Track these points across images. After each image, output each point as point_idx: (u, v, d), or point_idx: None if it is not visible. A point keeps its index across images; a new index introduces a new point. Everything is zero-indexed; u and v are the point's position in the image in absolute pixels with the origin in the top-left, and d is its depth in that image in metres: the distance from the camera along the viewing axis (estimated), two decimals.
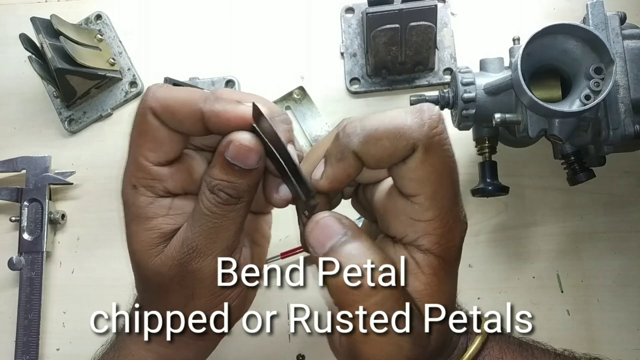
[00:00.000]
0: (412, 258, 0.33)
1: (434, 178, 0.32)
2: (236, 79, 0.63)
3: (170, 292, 0.38)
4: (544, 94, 0.51)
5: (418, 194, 0.32)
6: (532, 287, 0.59)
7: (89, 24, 0.65)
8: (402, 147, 0.31)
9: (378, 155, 0.31)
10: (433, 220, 0.32)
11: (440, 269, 0.33)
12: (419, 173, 0.32)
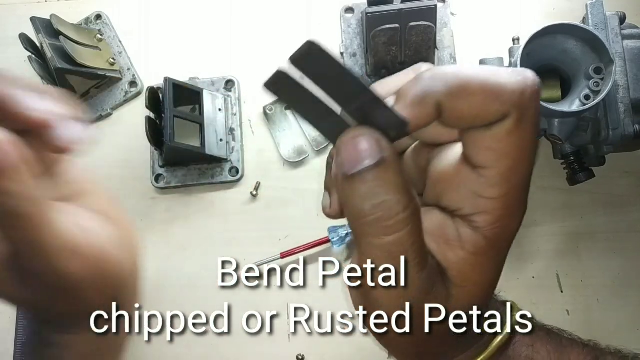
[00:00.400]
0: (456, 230, 0.29)
1: (515, 153, 0.27)
2: (236, 78, 0.63)
3: None
4: (543, 94, 0.51)
5: (491, 167, 0.27)
6: (532, 287, 0.59)
7: (89, 24, 0.65)
8: (495, 109, 0.26)
9: (465, 112, 0.26)
10: (497, 199, 0.28)
11: (484, 253, 0.29)
12: (502, 144, 0.27)
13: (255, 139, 0.63)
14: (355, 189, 0.27)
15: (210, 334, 0.60)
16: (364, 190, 0.26)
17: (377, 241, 0.27)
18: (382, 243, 0.27)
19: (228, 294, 0.61)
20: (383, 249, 0.27)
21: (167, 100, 0.54)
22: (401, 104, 0.27)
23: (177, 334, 0.60)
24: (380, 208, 0.26)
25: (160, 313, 0.61)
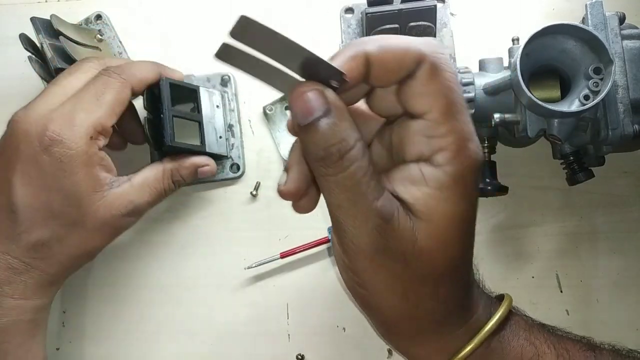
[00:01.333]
0: (420, 172, 0.33)
1: (445, 91, 0.32)
2: (231, 74, 0.63)
3: None
4: (543, 94, 0.51)
5: (430, 109, 0.32)
6: (532, 286, 0.59)
7: (89, 24, 0.65)
8: (412, 57, 0.32)
9: (389, 62, 0.32)
10: (447, 135, 0.32)
11: (448, 187, 0.32)
12: (430, 87, 0.32)
13: (255, 139, 0.63)
14: (310, 137, 0.32)
15: (210, 334, 0.60)
16: (317, 136, 0.32)
17: (334, 178, 0.32)
18: (339, 179, 0.32)
19: (228, 294, 0.61)
20: (342, 183, 0.32)
21: (165, 100, 0.53)
22: (338, 59, 0.32)
23: (177, 334, 0.60)
24: (334, 148, 0.32)
25: (161, 313, 0.61)
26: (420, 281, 0.34)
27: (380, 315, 0.37)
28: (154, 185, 0.51)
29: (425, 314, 0.36)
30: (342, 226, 0.33)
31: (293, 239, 0.60)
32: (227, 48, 0.31)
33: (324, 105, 0.32)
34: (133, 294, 0.61)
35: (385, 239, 0.32)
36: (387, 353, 0.59)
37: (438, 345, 0.37)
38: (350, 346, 0.59)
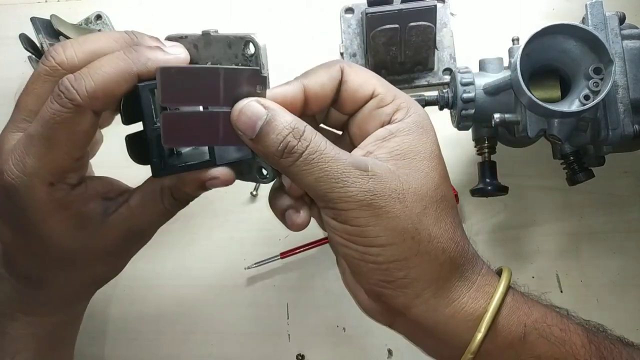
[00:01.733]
0: (386, 130, 0.38)
1: (369, 75, 0.40)
2: (257, 40, 0.46)
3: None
4: (543, 94, 0.51)
5: (374, 88, 0.39)
6: (532, 287, 0.59)
7: (89, 24, 0.65)
8: (335, 72, 0.40)
9: (318, 92, 0.39)
10: (397, 99, 0.39)
11: (414, 130, 0.38)
12: (360, 77, 0.40)
13: None
14: (267, 139, 0.36)
15: (210, 334, 0.60)
16: (272, 136, 0.35)
17: (301, 159, 0.35)
18: (306, 158, 0.35)
19: (228, 293, 0.61)
20: (310, 159, 0.35)
21: (147, 114, 0.38)
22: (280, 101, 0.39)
23: (177, 334, 0.60)
24: (289, 136, 0.35)
25: (161, 313, 0.61)
26: (420, 213, 0.36)
27: (396, 268, 0.37)
28: (152, 206, 0.41)
29: (437, 249, 0.37)
30: (328, 196, 0.36)
31: (293, 239, 0.60)
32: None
33: (263, 109, 0.36)
34: (133, 294, 0.61)
35: (373, 183, 0.36)
36: (387, 353, 0.59)
37: (463, 299, 0.38)
38: (350, 346, 0.59)
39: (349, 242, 0.37)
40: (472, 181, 0.58)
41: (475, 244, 0.61)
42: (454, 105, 0.54)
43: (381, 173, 0.36)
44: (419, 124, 0.38)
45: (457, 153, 0.62)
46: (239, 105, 0.36)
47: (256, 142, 0.36)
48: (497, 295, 0.38)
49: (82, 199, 0.39)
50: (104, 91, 0.36)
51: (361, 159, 0.37)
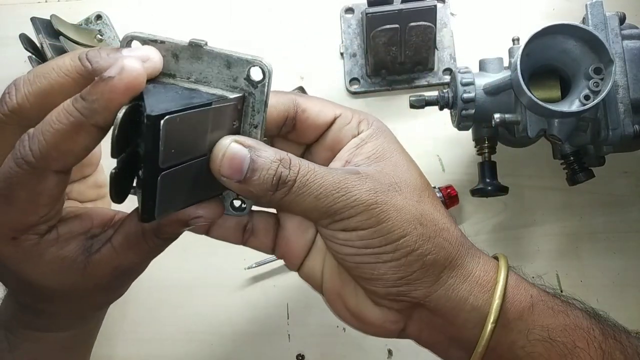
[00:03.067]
0: (358, 139, 0.39)
1: (322, 103, 0.40)
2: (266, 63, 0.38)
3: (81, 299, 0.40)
4: (543, 94, 0.51)
5: (333, 112, 0.40)
6: None
7: (89, 24, 0.65)
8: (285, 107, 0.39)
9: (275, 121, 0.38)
10: (356, 114, 0.40)
11: (379, 135, 0.39)
12: (317, 107, 0.39)
13: None
14: (256, 179, 0.35)
15: (210, 334, 0.60)
16: (262, 174, 0.35)
17: (295, 187, 0.35)
18: (300, 184, 0.35)
19: (228, 294, 0.61)
20: (305, 183, 0.35)
21: (149, 156, 0.31)
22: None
23: (177, 334, 0.60)
24: (280, 168, 0.35)
25: (161, 313, 0.61)
26: (419, 201, 0.38)
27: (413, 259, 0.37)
28: (136, 245, 0.38)
29: (443, 229, 0.38)
30: (333, 208, 0.36)
31: None
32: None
33: (244, 149, 0.35)
34: (133, 294, 0.61)
35: (371, 183, 0.36)
36: (387, 353, 0.59)
37: (476, 272, 0.38)
38: (350, 346, 0.59)
39: (362, 249, 0.36)
40: (472, 181, 0.58)
41: (476, 244, 0.61)
42: (454, 105, 0.54)
43: (372, 173, 0.37)
44: (381, 129, 0.40)
45: (457, 153, 0.62)
46: (219, 151, 0.34)
47: (245, 183, 0.35)
48: (503, 266, 0.39)
49: (57, 244, 0.36)
50: (58, 150, 0.32)
51: (348, 167, 0.38)
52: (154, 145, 0.30)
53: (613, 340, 0.39)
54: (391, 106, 0.64)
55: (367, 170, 0.37)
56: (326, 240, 0.38)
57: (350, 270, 0.38)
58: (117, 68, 0.31)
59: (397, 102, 0.64)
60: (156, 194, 0.31)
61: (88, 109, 0.31)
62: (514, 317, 0.38)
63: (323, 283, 0.41)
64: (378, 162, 0.38)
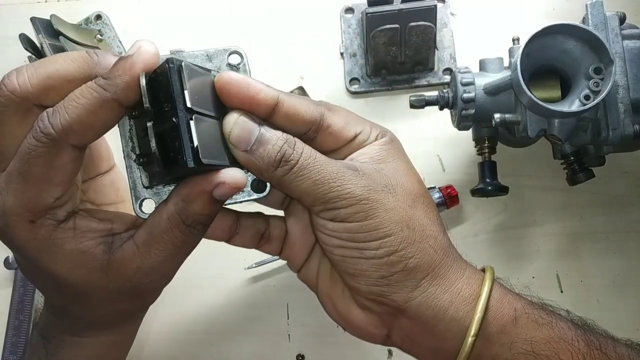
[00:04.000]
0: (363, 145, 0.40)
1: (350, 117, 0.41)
2: (242, 50, 0.43)
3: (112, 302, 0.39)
4: (543, 94, 0.51)
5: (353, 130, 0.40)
6: (532, 287, 0.59)
7: (89, 24, 0.65)
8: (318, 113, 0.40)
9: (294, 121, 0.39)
10: (372, 130, 0.40)
11: (385, 143, 0.40)
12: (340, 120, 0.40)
13: None
14: (262, 151, 0.36)
15: (210, 334, 0.60)
16: (268, 146, 0.36)
17: (297, 167, 0.36)
18: (302, 164, 0.36)
19: (228, 294, 0.61)
20: (306, 166, 0.36)
21: (177, 93, 0.33)
22: None
23: (177, 334, 0.60)
24: (285, 146, 0.36)
25: (161, 313, 0.61)
26: (411, 205, 0.39)
27: (395, 260, 0.38)
28: (161, 241, 0.36)
29: (430, 237, 0.39)
30: (327, 196, 0.37)
31: None
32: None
33: (255, 124, 0.37)
34: None
35: (366, 180, 0.38)
36: (387, 353, 0.59)
37: (459, 284, 0.39)
38: (350, 346, 0.59)
39: (348, 242, 0.38)
40: (472, 181, 0.58)
41: (476, 244, 0.61)
42: (454, 105, 0.54)
43: (370, 172, 0.38)
44: (392, 138, 0.41)
45: (457, 153, 0.62)
46: (230, 119, 0.37)
47: (250, 154, 0.36)
48: (488, 279, 0.40)
49: (74, 236, 0.36)
50: (80, 124, 0.33)
51: (349, 162, 0.39)
52: (180, 84, 0.34)
53: (598, 351, 0.39)
54: (391, 106, 0.64)
55: (366, 169, 0.38)
56: (316, 231, 0.39)
57: (337, 264, 0.39)
58: (135, 48, 0.34)
59: (397, 102, 0.64)
60: (194, 134, 0.33)
61: (112, 85, 0.33)
62: (497, 331, 0.38)
63: (317, 284, 0.43)
64: (378, 164, 0.39)
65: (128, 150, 0.37)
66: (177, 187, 0.36)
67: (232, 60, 0.40)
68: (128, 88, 0.33)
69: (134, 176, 0.37)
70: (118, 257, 0.36)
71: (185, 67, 0.34)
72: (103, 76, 0.34)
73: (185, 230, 0.36)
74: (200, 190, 0.35)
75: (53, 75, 0.34)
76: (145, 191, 0.37)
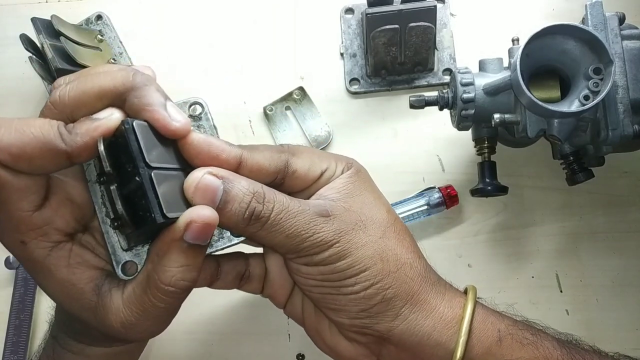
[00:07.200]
0: (328, 182, 0.40)
1: (313, 156, 0.41)
2: (203, 101, 0.41)
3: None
4: (543, 95, 0.51)
5: (318, 169, 0.40)
6: (531, 286, 0.59)
7: (90, 25, 0.65)
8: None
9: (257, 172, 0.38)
10: (338, 164, 0.41)
11: (350, 175, 0.40)
12: (304, 163, 0.40)
13: (256, 140, 0.63)
14: (228, 210, 0.35)
15: (210, 334, 0.60)
16: (235, 205, 0.35)
17: (269, 223, 0.36)
18: (275, 219, 0.36)
19: (228, 293, 0.61)
20: (278, 220, 0.36)
21: (135, 151, 0.33)
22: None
23: (177, 334, 0.60)
24: (253, 202, 0.35)
25: None
26: (383, 237, 0.39)
27: (373, 293, 0.38)
28: (142, 301, 0.35)
29: (405, 265, 0.39)
30: (300, 246, 0.37)
31: None
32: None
33: (217, 180, 0.35)
34: None
35: (337, 224, 0.38)
36: None
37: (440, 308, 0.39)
38: None
39: (324, 282, 0.38)
40: (472, 181, 0.58)
41: (475, 244, 0.61)
42: (454, 105, 0.54)
43: (340, 213, 0.38)
44: (357, 169, 0.41)
45: (457, 153, 0.62)
46: (192, 180, 0.34)
47: (219, 213, 0.34)
48: (470, 301, 0.40)
49: (67, 265, 0.35)
50: (19, 149, 0.32)
51: (320, 205, 0.38)
52: (137, 143, 0.33)
53: None
54: (391, 106, 0.64)
55: (336, 210, 0.38)
56: (291, 273, 0.40)
57: (317, 302, 0.40)
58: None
59: (397, 102, 0.64)
60: (157, 189, 0.33)
61: (70, 140, 0.33)
62: (482, 352, 0.39)
63: (304, 320, 0.43)
64: (347, 199, 0.39)
65: (102, 216, 0.37)
66: (151, 245, 0.36)
67: (193, 112, 0.40)
68: (85, 149, 0.33)
69: (112, 241, 0.37)
70: (105, 303, 0.36)
71: (138, 125, 0.33)
72: (68, 128, 0.33)
73: (168, 291, 0.35)
74: (170, 239, 0.34)
75: (89, 91, 0.34)
76: (126, 254, 0.37)
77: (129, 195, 0.34)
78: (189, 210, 0.34)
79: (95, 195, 0.37)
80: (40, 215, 0.34)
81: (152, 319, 0.36)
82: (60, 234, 0.36)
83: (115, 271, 0.37)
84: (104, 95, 0.34)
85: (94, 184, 0.37)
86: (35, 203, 0.34)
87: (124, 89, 0.34)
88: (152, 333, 0.38)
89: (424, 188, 0.60)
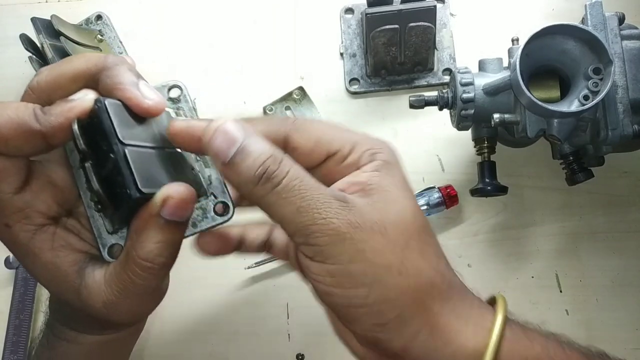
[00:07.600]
0: (358, 171, 0.36)
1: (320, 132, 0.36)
2: (181, 84, 0.41)
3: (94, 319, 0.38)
4: (542, 95, 0.51)
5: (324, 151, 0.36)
6: (531, 286, 0.59)
7: (90, 25, 0.65)
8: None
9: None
10: (355, 148, 0.36)
11: (382, 167, 0.35)
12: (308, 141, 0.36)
13: None
14: (242, 163, 0.32)
15: (210, 334, 0.60)
16: (249, 159, 0.32)
17: (280, 187, 0.32)
18: (285, 185, 0.32)
19: (228, 293, 0.61)
20: (290, 187, 0.32)
21: (108, 129, 0.34)
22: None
23: (177, 334, 0.60)
24: (269, 161, 0.32)
25: (161, 313, 0.61)
26: (404, 246, 0.34)
27: (388, 308, 0.34)
28: (121, 278, 0.35)
29: (427, 283, 0.34)
30: (310, 228, 0.32)
31: None
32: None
33: (242, 130, 0.33)
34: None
35: (353, 215, 0.33)
36: None
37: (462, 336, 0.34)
38: None
39: (333, 288, 0.33)
40: (472, 181, 0.58)
41: (475, 244, 0.61)
42: (454, 105, 0.54)
43: (360, 205, 0.33)
44: (385, 160, 0.36)
45: (456, 153, 0.62)
46: (213, 125, 0.33)
47: (229, 167, 0.32)
48: (496, 330, 0.35)
49: (51, 248, 0.35)
50: None
51: (338, 193, 0.34)
52: (109, 120, 0.33)
53: None
54: (391, 106, 0.64)
55: (356, 202, 0.34)
56: (303, 273, 0.36)
57: (327, 307, 0.36)
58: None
59: (397, 102, 0.64)
60: (130, 165, 0.33)
61: (45, 120, 0.33)
62: None
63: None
64: (371, 195, 0.34)
65: (87, 200, 0.37)
66: (131, 223, 0.35)
67: (172, 94, 0.40)
68: (60, 129, 0.33)
69: (97, 224, 0.37)
70: (87, 284, 0.35)
71: (110, 104, 0.33)
72: (43, 110, 0.33)
73: (146, 267, 0.34)
74: (147, 215, 0.33)
75: (64, 74, 0.35)
76: (111, 237, 0.37)
77: (107, 176, 0.34)
78: (165, 186, 0.33)
79: (80, 180, 0.37)
80: (21, 197, 0.34)
81: (132, 296, 0.35)
82: (42, 217, 0.35)
83: (102, 254, 0.37)
84: (78, 77, 0.35)
85: (78, 169, 0.37)
86: (14, 185, 0.34)
87: (96, 70, 0.35)
88: (135, 315, 0.37)
89: (424, 188, 0.60)
